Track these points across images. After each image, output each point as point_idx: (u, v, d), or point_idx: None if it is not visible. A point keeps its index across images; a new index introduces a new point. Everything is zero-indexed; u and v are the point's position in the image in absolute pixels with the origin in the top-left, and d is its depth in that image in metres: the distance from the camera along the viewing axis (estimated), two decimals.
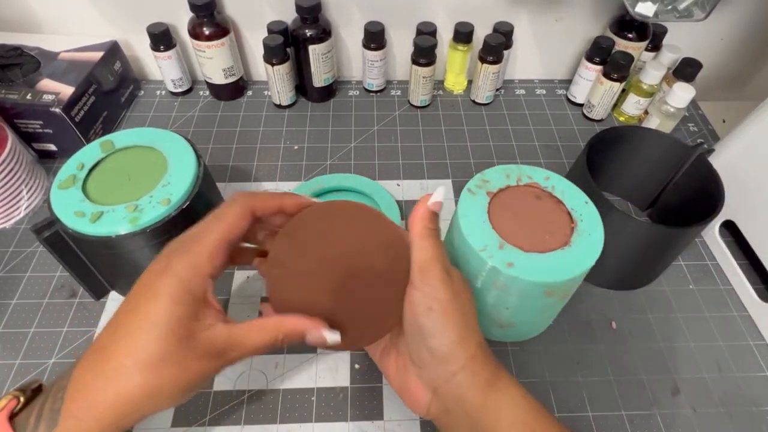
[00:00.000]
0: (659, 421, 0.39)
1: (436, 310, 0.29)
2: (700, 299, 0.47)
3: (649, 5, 0.50)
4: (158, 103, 0.65)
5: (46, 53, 0.57)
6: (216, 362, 0.27)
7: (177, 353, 0.26)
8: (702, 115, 0.66)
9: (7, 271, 0.46)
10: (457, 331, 0.29)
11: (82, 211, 0.36)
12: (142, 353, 0.25)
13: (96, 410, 0.25)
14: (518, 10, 0.62)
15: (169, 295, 0.26)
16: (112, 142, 0.41)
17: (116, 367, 0.25)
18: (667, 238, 0.42)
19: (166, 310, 0.26)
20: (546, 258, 0.34)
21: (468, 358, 0.29)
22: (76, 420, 0.25)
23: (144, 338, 0.26)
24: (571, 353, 0.43)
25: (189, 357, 0.26)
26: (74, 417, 0.25)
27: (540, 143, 0.61)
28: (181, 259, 0.27)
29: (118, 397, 0.25)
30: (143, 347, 0.25)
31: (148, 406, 0.26)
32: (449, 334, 0.29)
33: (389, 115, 0.64)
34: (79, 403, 0.25)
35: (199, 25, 0.58)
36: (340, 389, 0.40)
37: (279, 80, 0.60)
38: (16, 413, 0.26)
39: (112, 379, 0.25)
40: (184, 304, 0.26)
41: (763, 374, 0.42)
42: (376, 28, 0.60)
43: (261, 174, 0.56)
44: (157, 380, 0.26)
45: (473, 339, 0.30)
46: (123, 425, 0.26)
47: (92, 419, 0.25)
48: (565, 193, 0.38)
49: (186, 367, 0.26)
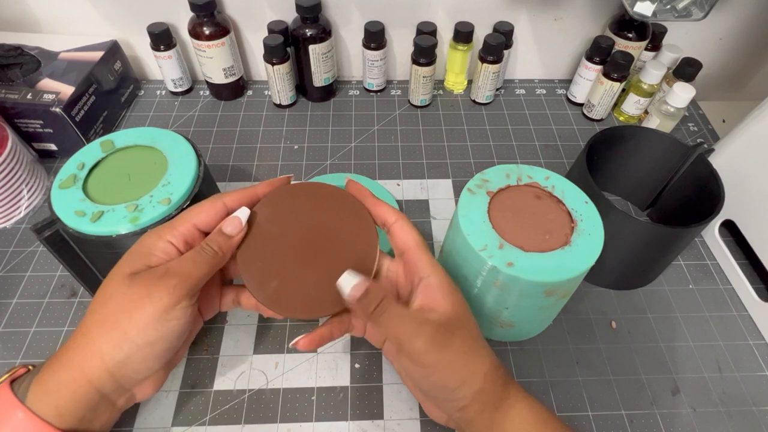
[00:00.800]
0: (659, 420, 0.39)
1: (430, 375, 0.30)
2: (699, 299, 0.47)
3: (648, 5, 0.50)
4: (158, 102, 0.65)
5: (46, 53, 0.57)
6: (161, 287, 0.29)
7: (123, 287, 0.29)
8: (702, 114, 0.66)
9: (7, 271, 0.46)
10: (457, 378, 0.29)
11: (82, 211, 0.36)
12: (98, 297, 0.30)
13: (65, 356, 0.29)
14: (518, 10, 0.62)
15: (127, 252, 0.31)
16: (112, 142, 0.41)
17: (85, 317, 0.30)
18: (667, 238, 0.42)
19: (120, 262, 0.31)
20: (546, 258, 0.34)
21: (474, 394, 0.29)
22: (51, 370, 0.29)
23: (102, 287, 0.30)
24: (571, 353, 0.43)
25: (134, 289, 0.29)
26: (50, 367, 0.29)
27: (540, 143, 0.61)
28: (147, 232, 0.32)
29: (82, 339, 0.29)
30: (100, 292, 0.30)
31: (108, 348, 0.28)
32: (449, 386, 0.29)
33: (389, 115, 0.64)
34: (57, 355, 0.29)
35: (199, 24, 0.58)
36: (340, 389, 0.40)
37: (279, 80, 0.60)
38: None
39: (80, 328, 0.29)
40: (134, 253, 0.31)
41: (763, 374, 0.42)
42: (376, 28, 0.60)
43: (261, 174, 0.56)
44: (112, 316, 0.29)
45: (478, 374, 0.30)
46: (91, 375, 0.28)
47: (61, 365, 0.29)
48: (565, 193, 0.38)
49: (133, 299, 0.29)
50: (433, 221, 0.52)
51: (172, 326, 0.29)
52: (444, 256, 0.42)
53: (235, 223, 0.32)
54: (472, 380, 0.29)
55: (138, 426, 0.37)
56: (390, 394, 0.39)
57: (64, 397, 0.28)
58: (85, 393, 0.28)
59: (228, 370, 0.41)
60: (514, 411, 0.30)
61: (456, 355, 0.29)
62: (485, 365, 0.30)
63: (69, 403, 0.28)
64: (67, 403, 0.28)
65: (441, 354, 0.29)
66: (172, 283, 0.29)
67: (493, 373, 0.30)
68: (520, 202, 0.38)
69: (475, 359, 0.30)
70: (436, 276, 0.32)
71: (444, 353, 0.29)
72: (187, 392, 0.39)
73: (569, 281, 0.34)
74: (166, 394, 0.39)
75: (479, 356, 0.30)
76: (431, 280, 0.31)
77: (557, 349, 0.43)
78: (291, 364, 0.41)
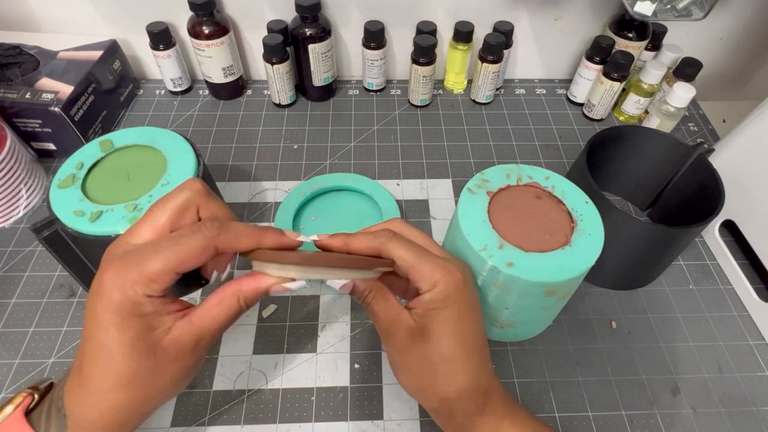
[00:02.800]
0: (659, 421, 0.39)
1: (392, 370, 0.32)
2: (700, 299, 0.47)
3: (648, 4, 0.50)
4: (157, 102, 0.65)
5: (45, 52, 0.56)
6: (191, 357, 0.27)
7: (147, 367, 0.25)
8: (702, 114, 0.66)
9: (6, 271, 0.46)
10: (413, 387, 0.32)
11: (81, 211, 0.36)
12: (113, 376, 0.25)
13: (92, 428, 0.26)
14: (518, 10, 0.62)
15: (111, 323, 0.25)
16: (111, 142, 0.41)
17: (98, 390, 0.26)
18: (667, 238, 0.42)
19: (114, 337, 0.25)
20: (546, 258, 0.34)
21: (432, 410, 0.31)
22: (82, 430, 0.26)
23: (109, 365, 0.25)
24: (571, 353, 0.43)
25: (161, 364, 0.26)
26: (80, 427, 0.26)
27: (540, 143, 0.61)
28: (115, 279, 0.25)
29: (110, 411, 0.26)
30: (113, 371, 0.25)
31: (141, 414, 0.27)
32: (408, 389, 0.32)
33: (389, 115, 0.64)
34: (78, 420, 0.26)
35: (198, 24, 0.58)
36: (340, 389, 0.40)
37: (279, 79, 0.60)
38: (30, 410, 0.27)
39: (99, 401, 0.26)
40: (129, 326, 0.25)
41: (763, 374, 0.42)
42: (376, 27, 0.60)
43: (260, 173, 0.56)
44: (141, 392, 0.26)
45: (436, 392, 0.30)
46: (125, 428, 0.27)
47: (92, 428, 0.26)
48: (565, 193, 0.38)
49: (162, 372, 0.26)
50: (433, 221, 0.52)
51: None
52: None
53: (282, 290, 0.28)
54: (426, 395, 0.31)
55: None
56: (390, 394, 0.39)
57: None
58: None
59: (227, 370, 0.40)
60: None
61: (410, 365, 0.30)
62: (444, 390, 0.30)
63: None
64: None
65: (398, 357, 0.30)
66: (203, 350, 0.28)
67: (452, 402, 0.30)
68: (520, 202, 0.38)
69: (433, 379, 0.30)
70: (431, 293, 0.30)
71: (400, 357, 0.30)
72: (186, 392, 0.39)
73: (569, 281, 0.34)
74: None
75: (440, 378, 0.30)
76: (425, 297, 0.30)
77: (557, 349, 0.43)
78: (290, 364, 0.41)
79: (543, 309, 0.38)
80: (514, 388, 0.40)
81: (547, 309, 0.38)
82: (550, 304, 0.37)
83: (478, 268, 0.35)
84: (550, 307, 0.38)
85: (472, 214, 0.36)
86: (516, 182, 0.39)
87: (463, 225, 0.36)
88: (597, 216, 0.37)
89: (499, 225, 0.36)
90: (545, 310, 0.39)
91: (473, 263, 0.35)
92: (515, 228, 0.36)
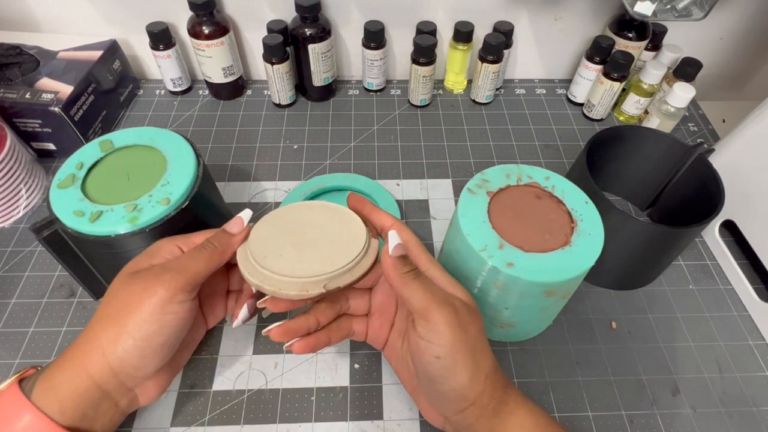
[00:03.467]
0: (659, 420, 0.39)
1: (443, 357, 0.28)
2: (699, 299, 0.47)
3: (648, 4, 0.50)
4: (157, 102, 0.65)
5: (45, 52, 0.56)
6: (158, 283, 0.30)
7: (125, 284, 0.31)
8: (702, 114, 0.66)
9: (6, 271, 0.46)
10: (467, 372, 0.29)
11: (81, 211, 0.36)
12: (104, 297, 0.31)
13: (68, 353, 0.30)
14: (518, 10, 0.62)
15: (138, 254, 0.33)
16: (111, 142, 0.41)
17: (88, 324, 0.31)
18: (667, 238, 0.42)
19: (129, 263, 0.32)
20: (546, 258, 0.34)
21: (477, 396, 0.29)
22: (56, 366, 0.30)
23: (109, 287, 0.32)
24: (571, 353, 0.43)
25: (134, 285, 0.30)
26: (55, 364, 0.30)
27: (540, 143, 0.61)
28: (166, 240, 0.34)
29: (85, 334, 0.30)
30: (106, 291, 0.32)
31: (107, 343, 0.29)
32: (459, 378, 0.29)
33: (389, 115, 0.64)
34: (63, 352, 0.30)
35: (198, 24, 0.58)
36: (340, 389, 0.40)
37: (278, 79, 0.60)
38: None
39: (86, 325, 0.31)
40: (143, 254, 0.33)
41: (763, 374, 0.42)
42: (376, 27, 0.60)
43: (260, 173, 0.56)
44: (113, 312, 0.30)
45: (482, 373, 0.29)
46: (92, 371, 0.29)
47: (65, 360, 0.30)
48: (565, 193, 0.38)
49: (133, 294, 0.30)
50: (432, 221, 0.52)
51: (168, 320, 0.30)
52: (444, 256, 0.42)
53: (237, 222, 0.34)
54: (477, 381, 0.29)
55: (137, 426, 0.37)
56: (389, 394, 0.39)
57: (66, 393, 0.28)
58: (87, 389, 0.29)
59: (227, 370, 0.40)
60: (513, 417, 0.30)
61: (467, 345, 0.28)
62: (488, 366, 0.30)
63: (71, 398, 0.28)
64: (69, 398, 0.28)
65: (459, 335, 0.28)
66: (167, 277, 0.30)
67: (494, 375, 0.30)
68: (520, 202, 0.38)
69: (482, 356, 0.30)
70: (437, 270, 0.32)
71: (461, 336, 0.28)
72: (186, 392, 0.39)
73: (569, 281, 0.34)
74: (165, 394, 0.39)
75: (485, 354, 0.30)
76: (433, 272, 0.31)
77: (557, 349, 0.43)
78: (290, 364, 0.41)
79: (543, 309, 0.38)
80: None
81: (546, 309, 0.38)
82: (549, 304, 0.37)
83: (478, 268, 0.35)
84: (550, 307, 0.38)
85: (472, 214, 0.36)
86: (516, 182, 0.39)
87: (463, 225, 0.36)
88: (597, 216, 0.37)
89: (499, 225, 0.36)
90: (545, 310, 0.39)
91: (473, 263, 0.35)
92: (515, 228, 0.36)
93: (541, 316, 0.40)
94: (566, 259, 0.34)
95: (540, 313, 0.39)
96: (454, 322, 0.28)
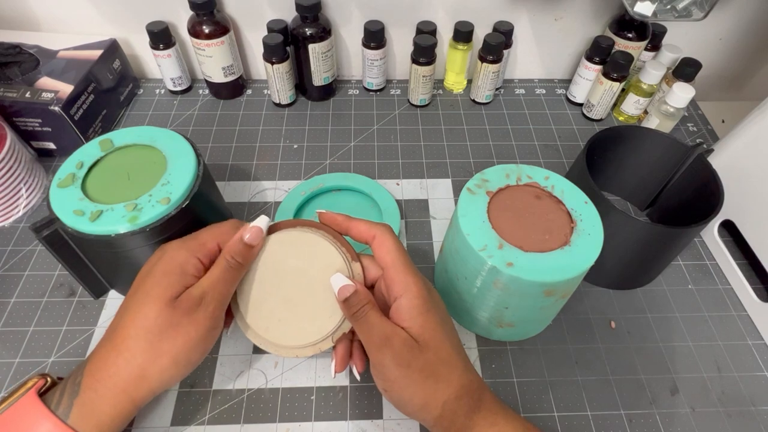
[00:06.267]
0: (658, 420, 0.39)
1: (389, 390, 0.31)
2: (698, 299, 0.47)
3: (648, 5, 0.50)
4: (157, 101, 0.65)
5: (45, 51, 0.56)
6: (202, 315, 0.31)
7: (167, 313, 0.30)
8: (701, 115, 0.66)
9: (6, 270, 0.46)
10: (417, 401, 0.30)
11: (81, 210, 0.36)
12: (140, 320, 0.30)
13: (109, 380, 0.30)
14: (518, 10, 0.62)
15: (160, 270, 0.31)
16: (111, 141, 0.41)
17: (124, 337, 0.30)
18: (667, 238, 0.42)
19: (157, 281, 0.31)
20: (546, 258, 0.34)
21: (435, 419, 0.30)
22: (93, 391, 0.29)
23: (141, 309, 0.30)
24: (570, 353, 0.43)
25: (176, 318, 0.30)
26: (91, 388, 0.29)
27: (540, 143, 0.61)
28: (173, 245, 0.33)
29: (127, 364, 0.30)
30: (142, 316, 0.30)
31: (154, 373, 0.30)
32: (409, 407, 0.31)
33: (389, 115, 0.64)
34: (96, 375, 0.30)
35: (198, 23, 0.58)
36: (340, 388, 0.40)
37: (279, 79, 0.60)
38: (43, 392, 0.30)
39: (121, 350, 0.30)
40: (171, 274, 0.31)
41: (762, 374, 0.42)
42: (376, 27, 0.60)
43: (260, 173, 0.56)
44: (158, 342, 0.30)
45: (438, 400, 0.30)
46: (135, 396, 0.30)
47: (105, 389, 0.29)
48: (565, 193, 0.38)
49: (177, 326, 0.30)
50: (432, 221, 0.52)
51: (210, 343, 0.33)
52: (444, 256, 0.42)
53: (256, 233, 0.34)
54: (431, 406, 0.30)
55: (137, 426, 0.37)
56: None
57: (107, 418, 0.30)
58: (129, 412, 0.31)
59: (227, 369, 0.40)
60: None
61: (414, 377, 0.30)
62: (447, 393, 0.30)
63: (112, 421, 0.30)
64: (109, 420, 0.30)
65: (400, 371, 0.30)
66: (210, 308, 0.31)
67: (456, 402, 0.30)
68: (520, 202, 0.38)
69: (437, 385, 0.30)
70: (407, 298, 0.31)
71: (403, 371, 0.30)
72: (186, 392, 0.39)
73: (569, 281, 0.34)
74: (165, 393, 0.39)
75: (442, 382, 0.30)
76: (401, 302, 0.31)
77: (557, 349, 0.43)
78: (290, 363, 0.41)
79: (542, 309, 0.38)
80: (513, 387, 0.40)
81: (546, 309, 0.39)
82: (549, 303, 0.37)
83: (478, 268, 0.35)
84: (549, 307, 0.38)
85: (472, 214, 0.36)
86: (516, 182, 0.39)
87: (462, 225, 0.36)
88: (596, 216, 0.37)
89: (498, 225, 0.36)
90: (544, 309, 0.39)
91: (473, 263, 0.35)
92: (515, 228, 0.36)
93: (541, 315, 0.40)
94: (566, 259, 0.34)
95: (539, 312, 0.39)
96: (395, 358, 0.30)
